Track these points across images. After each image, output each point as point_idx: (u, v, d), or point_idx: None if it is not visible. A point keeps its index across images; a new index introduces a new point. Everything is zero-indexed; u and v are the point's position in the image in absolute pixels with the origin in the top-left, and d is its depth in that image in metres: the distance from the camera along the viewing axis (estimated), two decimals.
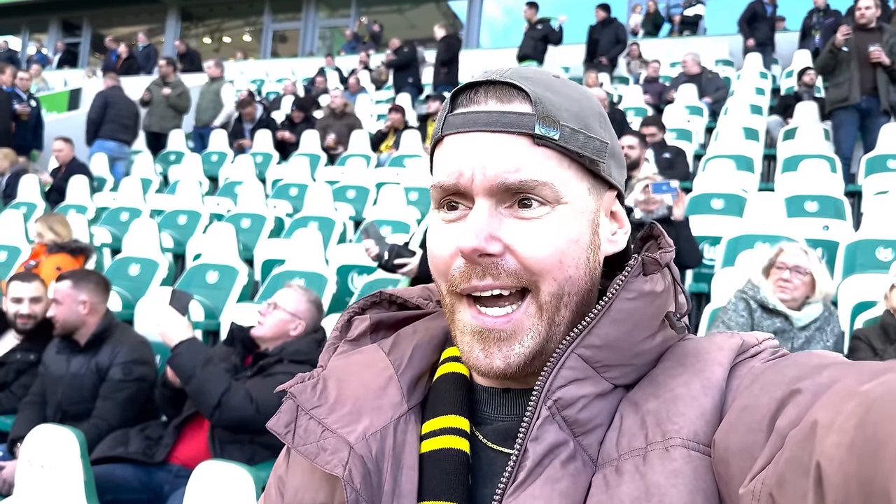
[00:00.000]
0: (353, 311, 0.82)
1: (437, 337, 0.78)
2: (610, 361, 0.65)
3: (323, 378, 0.74)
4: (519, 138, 0.64)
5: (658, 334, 0.68)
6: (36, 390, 3.22)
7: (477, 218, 0.64)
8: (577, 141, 0.66)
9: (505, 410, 0.71)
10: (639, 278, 0.67)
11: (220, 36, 21.10)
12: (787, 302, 3.03)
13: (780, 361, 0.61)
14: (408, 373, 0.74)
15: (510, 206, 0.65)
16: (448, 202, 0.68)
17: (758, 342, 0.66)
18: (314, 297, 3.08)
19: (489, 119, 0.65)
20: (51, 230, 4.88)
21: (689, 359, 0.65)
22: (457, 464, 0.66)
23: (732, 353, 0.64)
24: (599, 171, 0.69)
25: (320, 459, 0.66)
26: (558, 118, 0.65)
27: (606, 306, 0.65)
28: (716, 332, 0.70)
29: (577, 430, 0.63)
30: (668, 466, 0.58)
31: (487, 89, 0.67)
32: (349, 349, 0.79)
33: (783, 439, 0.50)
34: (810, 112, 7.40)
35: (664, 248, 0.70)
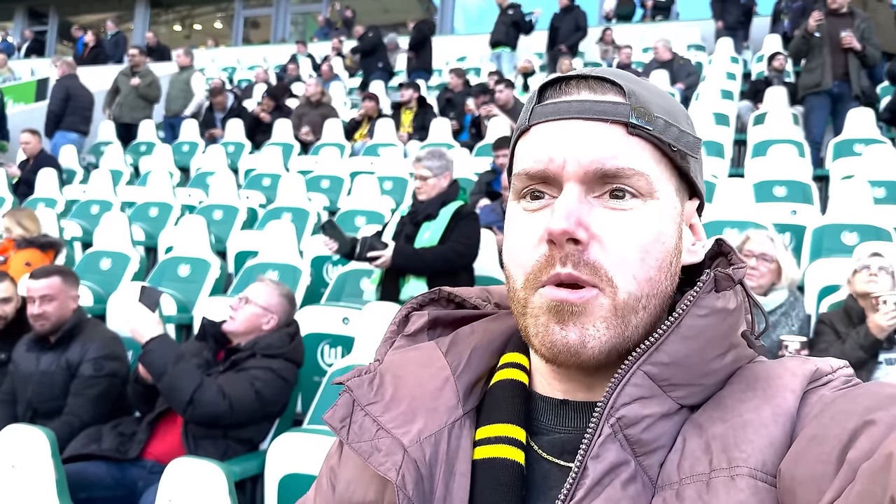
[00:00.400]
0: (411, 307, 0.81)
1: (496, 340, 0.76)
2: (677, 380, 0.63)
3: (380, 373, 0.73)
4: (613, 127, 0.63)
5: (728, 354, 0.66)
6: (6, 389, 3.19)
7: (568, 201, 0.62)
8: (671, 134, 0.65)
9: (563, 422, 0.68)
10: (711, 294, 0.65)
11: (190, 23, 20.81)
12: (754, 289, 3.09)
13: (852, 391, 0.59)
14: (465, 376, 0.72)
15: (599, 196, 0.64)
16: (531, 191, 0.66)
17: (832, 370, 0.63)
18: (286, 290, 3.07)
19: (582, 107, 0.64)
20: (19, 225, 4.82)
21: (760, 383, 0.63)
22: (511, 475, 0.64)
23: (805, 381, 0.62)
24: (688, 171, 0.68)
25: (374, 460, 0.65)
26: (652, 110, 0.64)
27: (676, 322, 0.63)
28: (787, 357, 0.68)
29: (639, 450, 0.61)
30: (734, 496, 0.55)
31: (579, 82, 0.66)
32: (406, 344, 0.78)
33: (854, 472, 0.49)
34: (780, 97, 7.48)
35: (736, 264, 0.68)
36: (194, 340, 3.06)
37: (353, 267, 4.28)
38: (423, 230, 3.45)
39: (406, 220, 3.58)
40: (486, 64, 11.41)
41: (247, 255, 5.06)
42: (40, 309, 3.12)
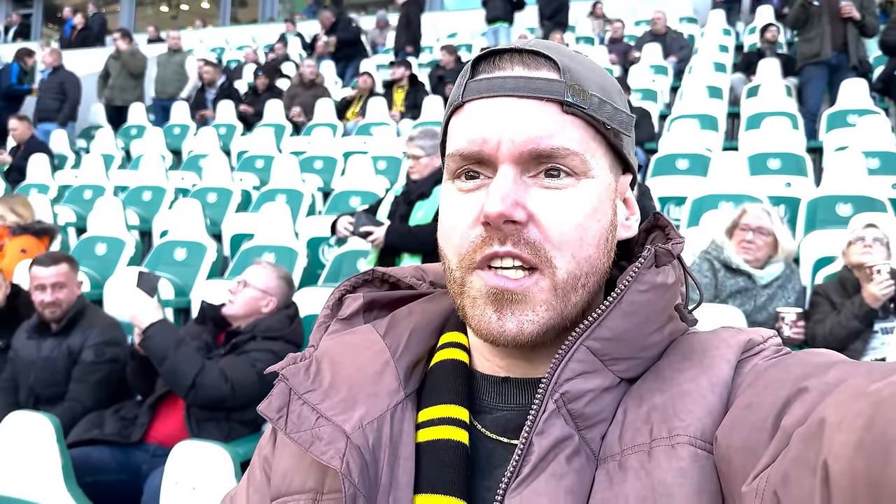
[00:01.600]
0: (344, 289, 0.79)
1: (434, 320, 0.75)
2: (618, 354, 0.64)
3: (316, 359, 0.71)
4: (548, 105, 0.62)
5: (666, 327, 0.67)
6: (7, 376, 3.19)
7: (502, 183, 0.61)
8: (605, 111, 0.64)
9: (505, 400, 0.68)
10: (651, 270, 0.65)
11: (177, 3, 20.54)
12: (751, 262, 3.11)
13: (785, 359, 0.60)
14: (404, 358, 0.71)
15: (535, 176, 0.63)
16: (466, 171, 0.65)
17: (763, 339, 0.65)
18: (284, 272, 3.08)
19: (516, 84, 0.63)
20: (12, 212, 4.80)
21: (696, 354, 0.64)
22: (456, 456, 0.64)
23: (738, 350, 0.63)
24: (621, 148, 0.67)
25: (315, 449, 0.63)
26: (587, 87, 0.63)
27: (618, 298, 0.63)
28: (721, 328, 0.68)
29: (582, 424, 0.62)
30: (675, 465, 0.56)
31: (512, 56, 0.65)
32: (341, 328, 0.76)
33: (789, 438, 0.50)
34: (773, 69, 7.46)
35: (673, 238, 0.69)
36: (193, 324, 3.06)
37: (350, 248, 4.28)
38: (417, 209, 3.45)
39: (400, 200, 3.57)
40: (478, 40, 11.32)
41: (242, 237, 5.05)
42: (52, 296, 3.11)
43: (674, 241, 0.68)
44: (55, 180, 7.02)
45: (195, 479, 2.15)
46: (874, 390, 0.44)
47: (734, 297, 3.07)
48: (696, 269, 3.16)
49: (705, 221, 4.07)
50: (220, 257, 4.85)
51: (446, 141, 0.69)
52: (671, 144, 5.93)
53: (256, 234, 4.80)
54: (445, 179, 0.68)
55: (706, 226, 3.99)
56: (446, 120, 0.69)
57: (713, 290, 3.11)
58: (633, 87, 7.54)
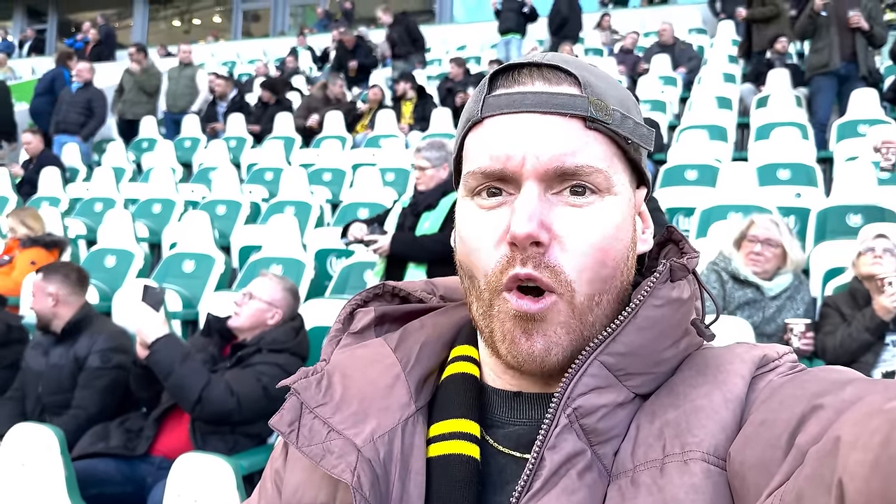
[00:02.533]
0: (355, 304, 0.79)
1: (445, 334, 0.75)
2: (632, 370, 0.63)
3: (327, 373, 0.71)
4: (571, 121, 0.62)
5: (681, 342, 0.66)
6: (16, 386, 3.23)
7: (529, 201, 0.61)
8: (627, 127, 0.64)
9: (517, 414, 0.68)
10: (666, 285, 0.65)
11: (189, 18, 20.78)
12: (759, 274, 3.08)
13: (800, 376, 0.59)
14: (416, 371, 0.71)
15: (558, 193, 0.63)
16: (488, 188, 0.64)
17: (778, 356, 0.64)
18: (290, 284, 3.08)
19: (538, 100, 0.62)
20: (23, 224, 4.84)
21: (710, 370, 0.63)
22: (467, 471, 0.63)
23: (753, 366, 0.62)
24: (640, 162, 0.67)
25: (326, 462, 0.63)
26: (608, 102, 0.63)
27: (633, 313, 0.63)
28: (735, 343, 0.68)
29: (595, 439, 0.61)
30: (687, 480, 0.56)
31: (532, 70, 0.64)
32: (353, 342, 0.76)
33: (803, 455, 0.49)
34: (783, 79, 7.44)
35: (688, 252, 0.68)
36: (199, 336, 3.07)
37: (357, 259, 4.29)
38: (423, 220, 3.45)
39: (407, 212, 3.58)
40: (487, 52, 11.36)
41: (250, 249, 5.07)
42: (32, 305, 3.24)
43: (689, 255, 0.68)
44: (66, 193, 7.08)
45: (197, 492, 2.14)
46: (890, 408, 0.44)
47: (742, 308, 3.05)
48: (704, 279, 3.14)
49: (714, 232, 4.04)
50: (229, 269, 4.86)
51: (462, 156, 0.68)
52: (680, 155, 5.91)
53: (264, 246, 4.81)
54: (463, 196, 0.68)
55: (715, 237, 3.96)
56: (463, 135, 0.68)
57: (721, 302, 3.08)
58: (642, 98, 7.53)
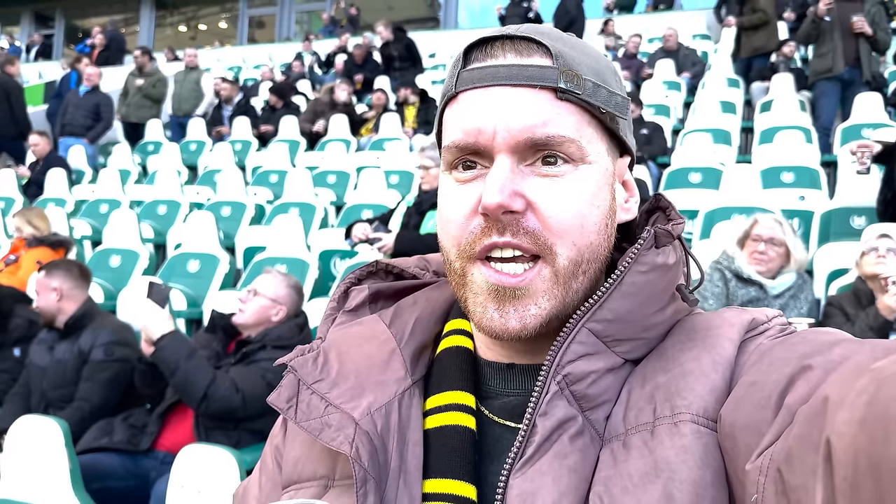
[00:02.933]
0: (349, 282, 0.80)
1: (438, 308, 0.76)
2: (620, 336, 0.64)
3: (323, 350, 0.72)
4: (541, 93, 0.62)
5: (668, 307, 0.67)
6: (21, 382, 3.25)
7: (500, 173, 0.61)
8: (599, 96, 0.64)
9: (511, 385, 0.69)
10: (651, 251, 0.65)
11: (195, 24, 20.87)
12: (763, 273, 3.08)
13: (789, 338, 0.60)
14: (410, 345, 0.72)
15: (532, 164, 0.63)
16: (463, 161, 0.65)
17: (767, 319, 0.65)
18: (294, 281, 3.09)
19: (509, 73, 0.62)
20: (29, 224, 4.86)
21: (699, 334, 0.64)
22: (463, 441, 0.65)
23: (742, 329, 0.63)
24: (617, 131, 0.67)
25: (325, 436, 0.64)
26: (580, 72, 0.63)
27: (618, 280, 0.63)
28: (725, 308, 0.68)
29: (586, 405, 0.62)
30: (677, 442, 0.57)
31: (504, 43, 0.64)
32: (348, 320, 0.77)
33: (792, 415, 0.50)
34: (787, 84, 7.44)
35: (674, 219, 0.69)
36: (204, 332, 3.08)
37: (361, 260, 4.29)
38: (428, 219, 3.47)
39: (412, 211, 3.59)
40: None
41: (255, 250, 5.08)
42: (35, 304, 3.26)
43: (674, 221, 0.68)
44: (72, 194, 7.11)
45: (201, 483, 2.14)
46: (878, 368, 0.44)
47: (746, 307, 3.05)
48: (708, 278, 3.14)
49: (717, 234, 4.04)
50: (233, 269, 4.88)
51: (441, 132, 0.69)
52: (684, 158, 5.92)
53: (269, 247, 4.82)
54: (443, 171, 0.68)
55: (718, 238, 3.96)
56: (441, 111, 0.69)
57: (724, 300, 3.08)
58: (647, 103, 7.54)
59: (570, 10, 10.11)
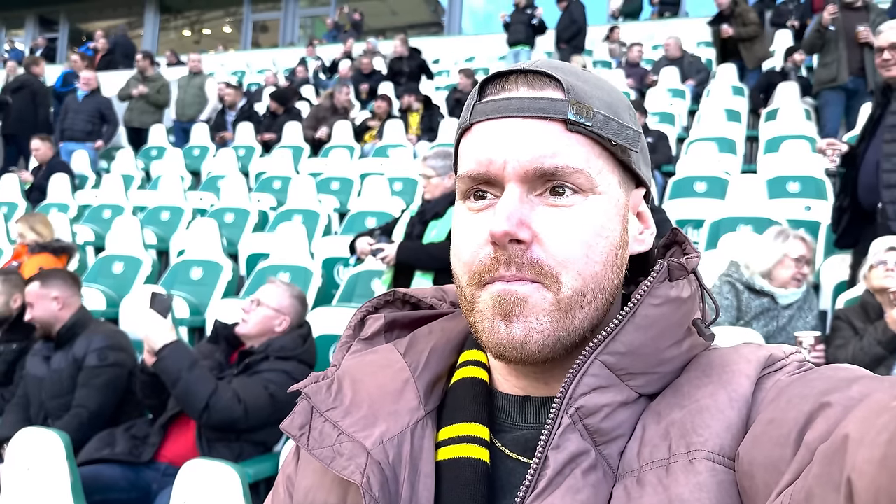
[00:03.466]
0: (366, 310, 0.80)
1: (454, 339, 0.76)
2: (634, 369, 0.63)
3: (338, 378, 0.72)
4: (552, 124, 0.63)
5: (684, 342, 0.66)
6: (20, 393, 3.25)
7: (508, 202, 0.62)
8: (610, 128, 0.65)
9: (525, 419, 0.69)
10: (665, 284, 0.65)
11: (199, 28, 20.93)
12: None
13: (807, 375, 0.59)
14: (424, 376, 0.72)
15: (541, 194, 0.64)
16: (475, 192, 0.66)
17: (785, 356, 0.64)
18: (297, 291, 3.07)
19: (520, 105, 0.64)
20: (32, 230, 4.85)
21: (716, 370, 0.63)
22: (476, 475, 0.64)
23: (759, 366, 0.62)
24: (630, 163, 0.67)
25: (336, 465, 0.64)
26: (591, 105, 0.64)
27: (631, 312, 0.63)
28: (742, 344, 0.68)
29: (599, 439, 0.62)
30: (693, 480, 0.56)
31: (518, 77, 0.66)
32: (363, 348, 0.77)
33: (812, 454, 0.49)
34: (792, 93, 7.43)
35: (689, 253, 0.69)
36: (206, 343, 3.06)
37: (365, 268, 4.28)
38: (431, 228, 3.45)
39: (415, 220, 3.58)
40: (496, 64, 11.38)
41: (258, 257, 5.07)
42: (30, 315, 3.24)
43: (689, 255, 0.68)
44: (75, 200, 7.12)
45: (203, 499, 2.12)
46: None
47: (758, 318, 3.04)
48: (717, 291, 3.12)
49: (723, 244, 4.02)
50: (236, 276, 4.86)
51: (458, 162, 0.70)
52: (689, 167, 5.90)
53: (272, 254, 4.81)
54: (457, 199, 0.69)
55: (725, 248, 3.94)
56: (457, 141, 0.70)
57: (735, 312, 3.07)
58: (651, 111, 7.53)
59: (577, 19, 10.11)
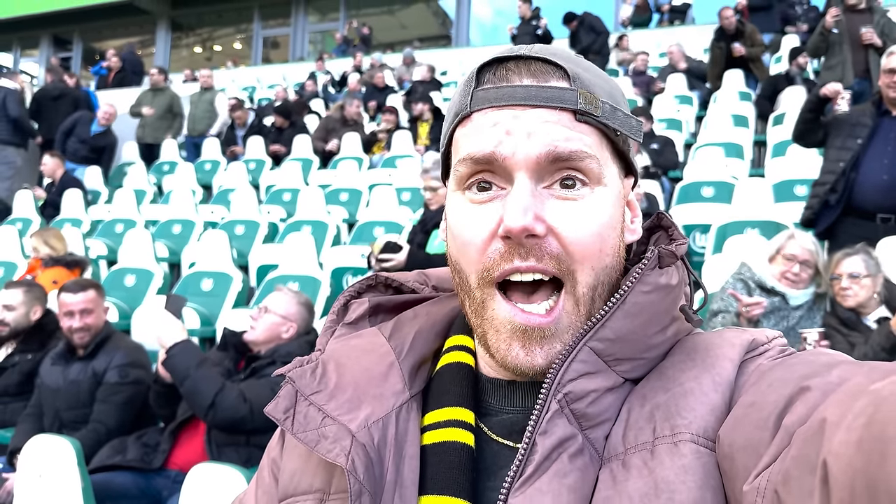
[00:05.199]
0: (349, 295, 0.80)
1: (438, 323, 0.76)
2: (622, 355, 0.64)
3: (322, 362, 0.71)
4: (561, 114, 0.62)
5: (670, 328, 0.67)
6: (34, 402, 3.26)
7: (522, 195, 0.61)
8: (616, 118, 0.65)
9: (511, 402, 0.68)
10: (654, 271, 0.65)
11: (211, 45, 21.12)
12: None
13: (789, 359, 0.60)
14: (409, 359, 0.72)
15: (549, 186, 0.63)
16: (478, 182, 0.64)
17: (767, 340, 0.64)
18: (305, 299, 3.10)
19: (527, 94, 0.62)
20: (46, 244, 4.91)
21: (699, 354, 0.63)
22: (462, 458, 0.64)
23: (742, 350, 0.63)
24: (627, 153, 0.68)
25: (321, 447, 0.63)
26: (597, 94, 0.63)
27: (621, 299, 0.63)
28: (725, 328, 0.68)
29: (586, 423, 0.62)
30: (678, 462, 0.56)
31: (518, 64, 0.64)
32: (347, 332, 0.77)
33: (790, 436, 0.50)
34: (799, 97, 7.41)
35: (676, 238, 0.69)
36: (216, 351, 3.09)
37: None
38: (433, 237, 3.47)
39: (417, 228, 3.60)
40: None
41: (268, 268, 5.11)
42: (81, 322, 3.20)
43: (677, 242, 0.68)
44: (88, 215, 7.19)
45: (211, 502, 2.14)
46: (875, 389, 0.44)
47: (768, 316, 3.04)
48: (731, 288, 3.11)
49: (730, 247, 4.02)
50: (246, 287, 4.90)
51: (451, 150, 0.69)
52: (696, 172, 5.90)
53: (281, 264, 4.85)
54: (454, 189, 0.67)
55: (732, 252, 3.94)
56: (451, 130, 0.69)
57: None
58: (659, 117, 7.53)
59: (600, 29, 10.18)
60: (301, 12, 18.41)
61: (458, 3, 16.88)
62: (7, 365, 3.55)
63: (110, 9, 18.65)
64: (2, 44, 20.37)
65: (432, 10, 18.78)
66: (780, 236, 3.20)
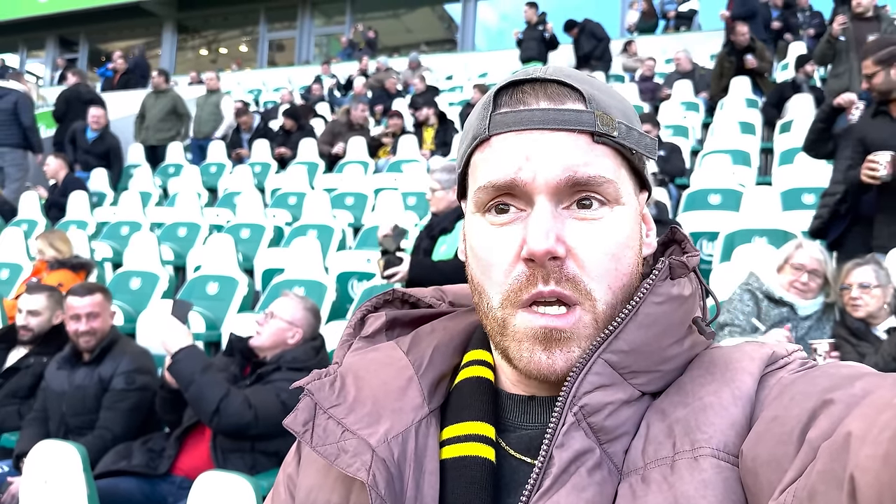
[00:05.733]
0: (366, 309, 0.80)
1: (457, 338, 0.76)
2: (637, 367, 0.64)
3: (340, 375, 0.71)
4: (579, 136, 0.63)
5: (685, 340, 0.67)
6: (39, 406, 3.25)
7: (543, 217, 0.62)
8: (632, 138, 0.65)
9: (530, 418, 0.69)
10: (666, 282, 0.65)
11: (216, 47, 21.17)
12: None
13: (811, 372, 0.59)
14: (428, 374, 0.71)
15: (568, 207, 0.64)
16: (497, 205, 0.65)
17: (787, 353, 0.64)
18: (311, 304, 3.09)
19: (545, 117, 0.63)
20: (51, 247, 4.91)
21: (719, 367, 0.63)
22: (482, 473, 0.64)
23: (762, 364, 0.62)
24: (643, 171, 0.68)
25: (341, 461, 0.63)
26: (613, 115, 0.64)
27: (634, 310, 0.63)
28: (745, 342, 0.68)
29: (604, 437, 0.62)
30: (698, 477, 0.56)
31: (534, 87, 0.65)
32: (364, 346, 0.77)
33: (815, 451, 0.49)
34: (806, 105, 7.40)
35: (689, 251, 0.69)
36: (222, 356, 3.08)
37: (379, 282, 4.29)
38: (440, 244, 3.45)
39: (423, 234, 3.58)
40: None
41: (274, 272, 5.11)
42: (87, 326, 3.19)
43: (689, 253, 0.69)
44: (93, 217, 7.20)
45: None
46: None
47: (777, 327, 3.02)
48: (738, 299, 3.11)
49: (738, 256, 4.00)
50: (252, 291, 4.90)
51: (469, 173, 0.69)
52: (703, 180, 5.88)
53: (287, 269, 4.84)
54: (472, 212, 0.68)
55: (740, 260, 3.92)
56: (468, 154, 0.69)
57: (756, 321, 3.05)
58: (665, 124, 7.52)
59: (601, 36, 10.18)
60: (307, 15, 18.46)
61: (463, 8, 16.92)
62: (21, 366, 3.54)
63: (116, 11, 18.73)
64: (8, 45, 20.42)
65: (438, 15, 18.82)
66: (788, 246, 3.18)
